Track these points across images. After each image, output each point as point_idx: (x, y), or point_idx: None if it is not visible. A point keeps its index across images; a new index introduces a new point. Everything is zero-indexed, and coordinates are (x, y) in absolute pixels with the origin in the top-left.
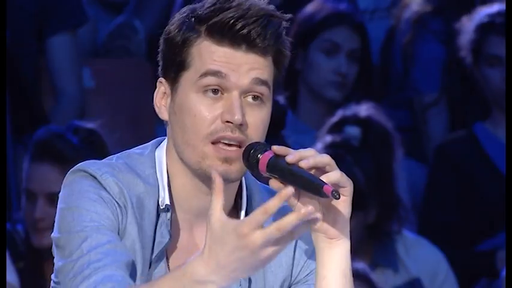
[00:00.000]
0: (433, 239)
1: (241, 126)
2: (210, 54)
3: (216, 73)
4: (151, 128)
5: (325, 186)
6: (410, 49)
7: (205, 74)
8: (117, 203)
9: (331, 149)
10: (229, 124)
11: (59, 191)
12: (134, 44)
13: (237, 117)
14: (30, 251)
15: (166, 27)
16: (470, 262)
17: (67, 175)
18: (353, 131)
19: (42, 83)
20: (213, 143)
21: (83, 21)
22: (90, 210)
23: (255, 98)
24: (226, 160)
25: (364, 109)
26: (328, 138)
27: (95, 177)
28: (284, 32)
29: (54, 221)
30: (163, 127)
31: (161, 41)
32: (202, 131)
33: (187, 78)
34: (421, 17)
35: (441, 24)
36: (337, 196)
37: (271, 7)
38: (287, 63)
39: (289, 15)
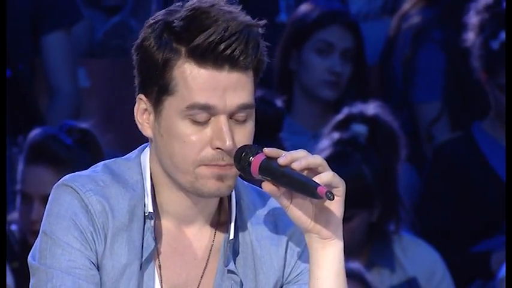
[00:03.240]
0: (429, 239)
1: (231, 150)
2: (194, 81)
3: (203, 106)
4: None
5: (319, 188)
6: (413, 59)
7: (193, 107)
8: (97, 225)
9: (338, 146)
10: (220, 150)
11: None
12: (130, 43)
13: (228, 144)
14: (25, 251)
15: (142, 38)
16: (466, 263)
17: (53, 189)
18: (360, 128)
19: (38, 82)
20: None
21: (78, 18)
22: (63, 240)
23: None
24: (220, 178)
25: (371, 108)
26: (336, 135)
27: (78, 194)
28: (262, 40)
29: None
30: None
31: (137, 52)
32: (192, 158)
33: (173, 104)
34: (423, 27)
35: (442, 33)
36: (331, 197)
37: (247, 17)
38: (265, 67)
39: (264, 21)
